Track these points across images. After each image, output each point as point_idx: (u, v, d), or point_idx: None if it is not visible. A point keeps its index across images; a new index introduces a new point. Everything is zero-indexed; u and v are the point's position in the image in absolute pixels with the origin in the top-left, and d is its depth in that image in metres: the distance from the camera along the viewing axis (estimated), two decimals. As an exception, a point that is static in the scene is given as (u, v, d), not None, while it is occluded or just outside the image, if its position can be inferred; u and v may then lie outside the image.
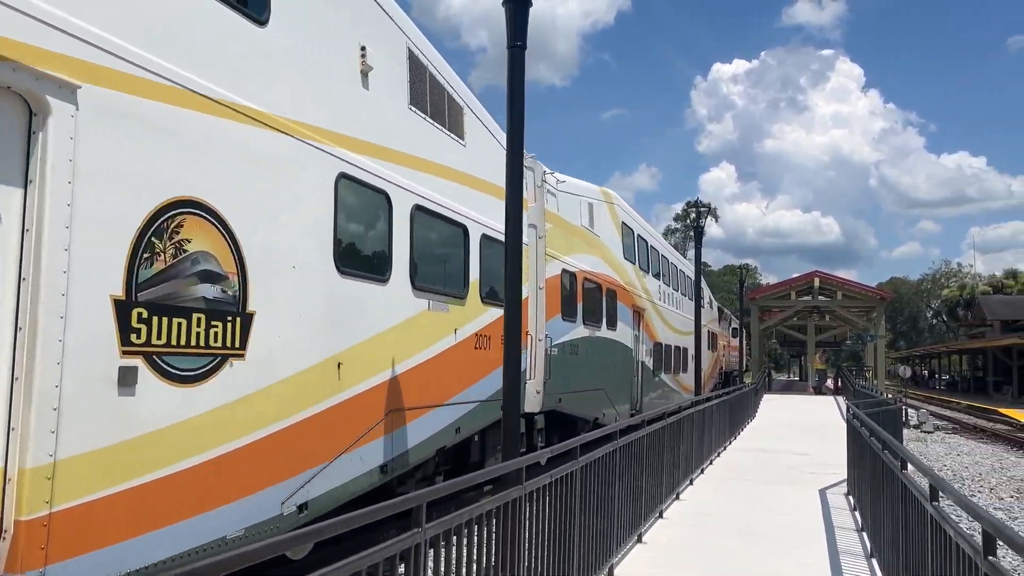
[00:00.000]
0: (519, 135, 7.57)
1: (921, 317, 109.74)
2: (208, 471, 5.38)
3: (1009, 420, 33.79)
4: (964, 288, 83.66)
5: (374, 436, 7.68)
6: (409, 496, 3.69)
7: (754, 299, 50.32)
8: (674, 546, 8.37)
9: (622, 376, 18.34)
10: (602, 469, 6.94)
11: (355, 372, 7.34)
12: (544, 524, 5.52)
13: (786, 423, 24.67)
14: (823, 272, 49.09)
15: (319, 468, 6.71)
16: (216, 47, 5.67)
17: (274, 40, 6.35)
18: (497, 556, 4.76)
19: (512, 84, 7.53)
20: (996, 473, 19.59)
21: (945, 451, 24.10)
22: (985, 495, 16.60)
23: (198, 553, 5.23)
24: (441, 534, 3.92)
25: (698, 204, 25.02)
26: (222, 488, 5.53)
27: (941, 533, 4.38)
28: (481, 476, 4.97)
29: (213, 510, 5.42)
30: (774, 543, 8.57)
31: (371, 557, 3.25)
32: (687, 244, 57.31)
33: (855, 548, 8.49)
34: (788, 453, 16.68)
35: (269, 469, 6.04)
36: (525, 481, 5.13)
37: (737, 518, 9.82)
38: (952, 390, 67.26)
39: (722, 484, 12.41)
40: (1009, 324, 56.98)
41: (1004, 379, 52.74)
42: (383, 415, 7.82)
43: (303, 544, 2.95)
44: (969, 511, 3.84)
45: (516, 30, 7.45)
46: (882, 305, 48.63)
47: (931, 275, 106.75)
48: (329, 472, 6.86)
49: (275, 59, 6.37)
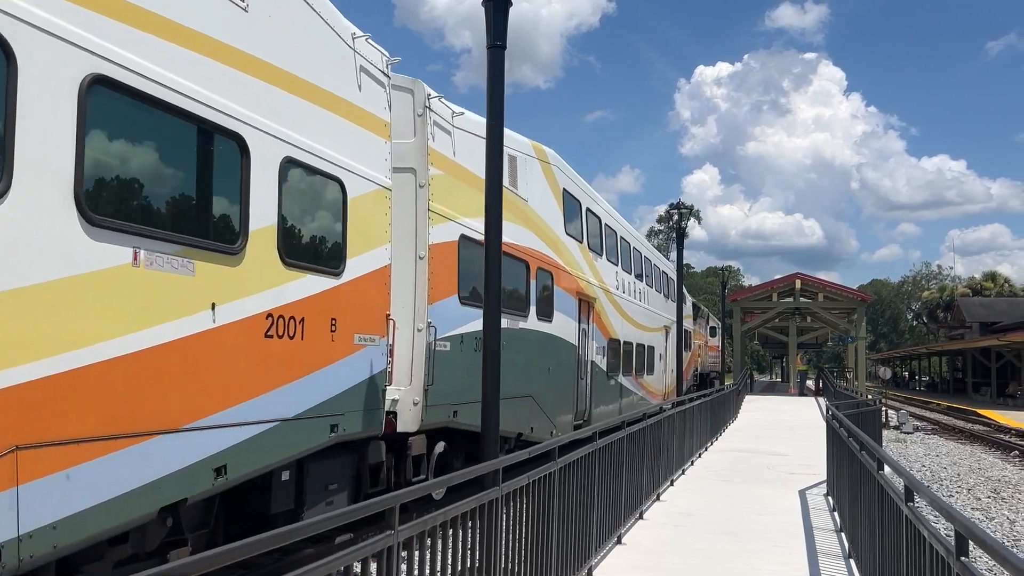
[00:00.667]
0: (499, 135, 7.55)
1: (901, 319, 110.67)
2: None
3: (987, 421, 34.14)
4: (944, 290, 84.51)
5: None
6: (382, 498, 3.65)
7: (736, 301, 50.58)
8: (654, 547, 8.36)
9: (561, 379, 14.80)
10: (581, 470, 6.92)
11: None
12: (522, 525, 5.50)
13: (767, 424, 24.79)
14: (804, 274, 49.58)
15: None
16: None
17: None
18: (474, 558, 4.73)
19: (492, 84, 7.52)
20: (974, 474, 19.76)
21: (924, 452, 24.29)
22: (963, 496, 16.73)
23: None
24: (415, 536, 3.89)
25: (680, 206, 25.12)
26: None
27: (916, 534, 4.40)
28: (459, 477, 4.94)
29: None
30: (753, 544, 8.59)
31: (343, 559, 3.21)
32: (670, 246, 57.42)
33: (834, 549, 8.53)
34: (769, 454, 16.75)
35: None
36: (502, 483, 5.10)
37: (717, 519, 9.84)
38: (932, 391, 67.89)
39: (703, 485, 12.43)
40: (987, 326, 57.61)
41: (983, 380, 53.31)
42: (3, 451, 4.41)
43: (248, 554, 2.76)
44: (942, 512, 3.85)
45: (496, 30, 7.43)
46: (863, 307, 49.14)
47: (911, 277, 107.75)
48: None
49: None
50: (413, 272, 9.54)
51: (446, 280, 10.18)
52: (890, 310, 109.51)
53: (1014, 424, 31.00)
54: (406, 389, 9.32)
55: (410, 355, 9.42)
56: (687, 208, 26.05)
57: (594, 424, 9.11)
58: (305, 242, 7.28)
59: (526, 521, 5.57)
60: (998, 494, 16.86)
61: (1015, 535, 13.08)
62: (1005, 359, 48.27)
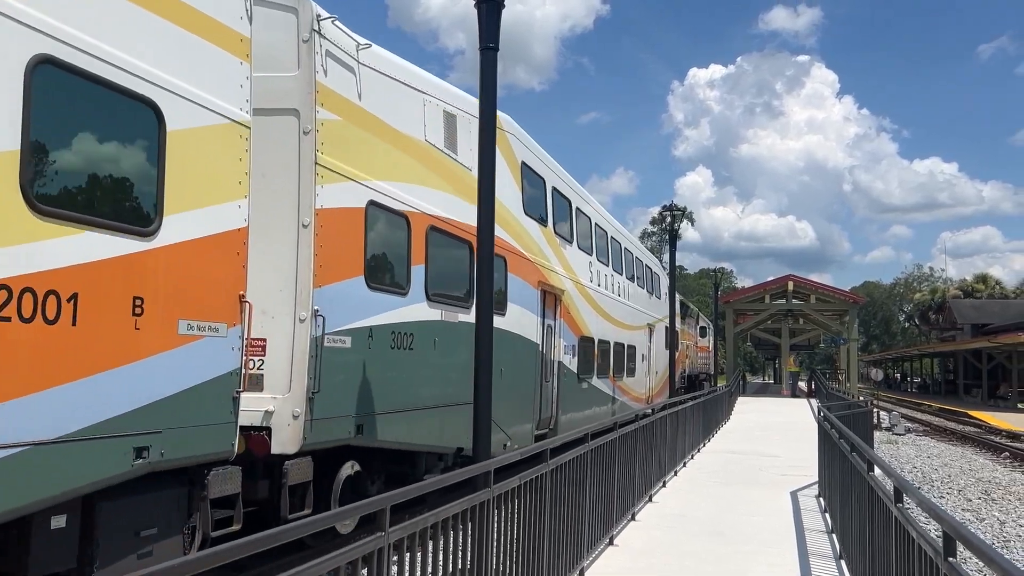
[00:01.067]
0: (491, 136, 7.54)
1: (894, 320, 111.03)
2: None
3: (978, 422, 34.28)
4: (935, 292, 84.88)
5: None
6: (373, 499, 3.65)
7: (728, 302, 50.69)
8: (646, 548, 8.38)
9: (517, 383, 12.59)
10: (572, 472, 6.93)
11: None
12: (513, 527, 5.50)
13: (759, 425, 24.84)
14: (797, 276, 49.73)
15: None
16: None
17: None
18: (465, 559, 4.73)
19: (485, 86, 7.51)
20: (965, 475, 19.83)
21: (915, 453, 24.37)
22: (954, 497, 16.79)
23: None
24: (405, 538, 3.89)
25: (673, 208, 25.18)
26: None
27: (905, 535, 4.42)
28: (449, 479, 4.94)
29: None
30: (745, 545, 8.62)
31: (333, 561, 3.21)
32: (663, 247, 57.58)
33: (825, 550, 8.56)
34: (760, 455, 16.79)
35: None
36: (493, 484, 5.11)
37: (709, 520, 9.85)
38: (923, 392, 68.13)
39: (695, 486, 12.45)
40: (979, 328, 57.86)
41: (974, 382, 53.57)
42: None
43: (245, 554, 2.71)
44: (930, 512, 3.87)
45: (489, 32, 7.42)
46: (855, 309, 49.31)
47: (903, 279, 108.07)
48: None
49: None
50: (294, 244, 7.43)
51: (345, 257, 7.96)
52: (882, 312, 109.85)
53: (1005, 426, 31.14)
54: (283, 398, 7.22)
55: (289, 353, 7.33)
56: (680, 210, 26.10)
57: (562, 433, 7.92)
58: (81, 184, 5.17)
59: (517, 522, 5.57)
60: (989, 495, 16.92)
61: (1005, 536, 13.13)
62: (996, 361, 48.50)
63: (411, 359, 9.18)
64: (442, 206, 10.04)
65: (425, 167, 9.81)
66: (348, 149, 8.11)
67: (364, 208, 8.30)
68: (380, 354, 8.49)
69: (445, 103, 10.35)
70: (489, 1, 7.38)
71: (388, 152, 8.90)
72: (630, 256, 22.96)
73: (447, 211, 10.13)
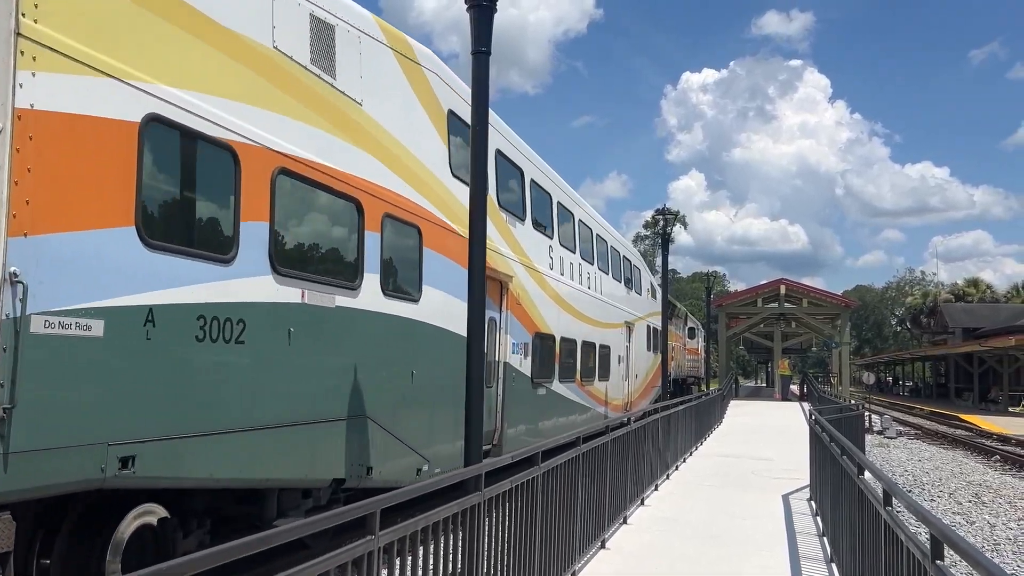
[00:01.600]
0: (483, 141, 7.56)
1: (885, 324, 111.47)
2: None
3: (969, 426, 34.42)
4: (927, 296, 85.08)
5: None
6: (362, 504, 3.65)
7: (721, 306, 50.79)
8: (638, 552, 8.38)
9: (437, 390, 9.91)
10: (564, 475, 6.93)
11: None
12: (505, 530, 5.50)
13: (752, 428, 24.87)
14: (789, 280, 49.96)
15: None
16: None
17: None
18: (455, 563, 4.73)
19: (477, 90, 7.53)
20: (955, 478, 19.91)
21: (907, 456, 24.45)
22: (944, 500, 16.86)
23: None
24: (396, 542, 3.89)
25: (665, 211, 25.22)
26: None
27: (894, 537, 4.44)
28: (439, 483, 4.94)
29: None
30: (737, 548, 8.63)
31: (322, 565, 3.20)
32: (656, 251, 57.59)
33: (816, 553, 8.58)
34: (753, 458, 16.81)
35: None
36: (484, 488, 5.11)
37: (701, 523, 9.87)
38: (915, 396, 68.40)
39: (687, 489, 12.46)
40: (970, 331, 58.04)
41: (965, 385, 53.77)
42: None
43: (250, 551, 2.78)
44: (919, 515, 3.89)
45: (480, 36, 7.45)
46: (847, 313, 49.54)
47: (895, 283, 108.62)
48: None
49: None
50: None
51: (93, 194, 5.26)
52: (874, 315, 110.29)
53: (996, 429, 31.28)
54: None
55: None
56: (673, 214, 26.17)
57: (509, 450, 6.26)
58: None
59: (509, 526, 5.57)
60: (979, 498, 16.99)
61: (995, 539, 13.19)
62: (987, 364, 48.70)
63: (241, 357, 6.52)
64: (307, 145, 7.46)
65: (276, 87, 7.13)
66: (105, 28, 5.44)
67: (138, 124, 5.59)
68: (173, 348, 5.84)
69: (314, 5, 7.74)
70: (481, 5, 7.40)
71: (191, 44, 6.19)
72: (604, 244, 20.15)
73: (317, 154, 7.58)
